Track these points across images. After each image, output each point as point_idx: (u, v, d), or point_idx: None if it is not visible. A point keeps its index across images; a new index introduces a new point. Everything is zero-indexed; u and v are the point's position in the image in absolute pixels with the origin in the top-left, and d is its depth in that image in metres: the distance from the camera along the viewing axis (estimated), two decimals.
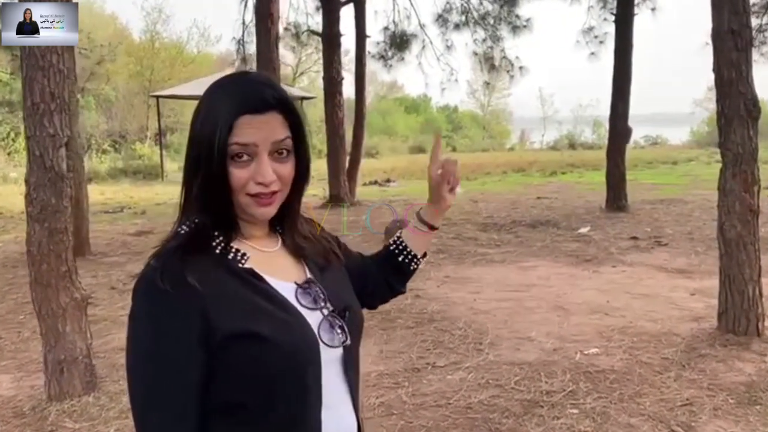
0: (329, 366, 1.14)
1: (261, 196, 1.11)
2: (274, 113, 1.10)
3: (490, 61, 15.12)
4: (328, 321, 1.16)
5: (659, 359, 4.44)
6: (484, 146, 37.36)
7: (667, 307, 5.65)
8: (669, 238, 8.90)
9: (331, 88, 12.83)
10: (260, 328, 1.05)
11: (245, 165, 1.08)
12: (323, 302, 1.17)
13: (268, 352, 1.05)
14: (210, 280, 1.06)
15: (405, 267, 1.46)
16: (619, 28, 11.44)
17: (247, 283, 1.10)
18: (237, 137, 1.07)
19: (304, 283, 1.18)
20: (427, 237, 1.46)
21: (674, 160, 23.82)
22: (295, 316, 1.11)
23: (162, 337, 1.04)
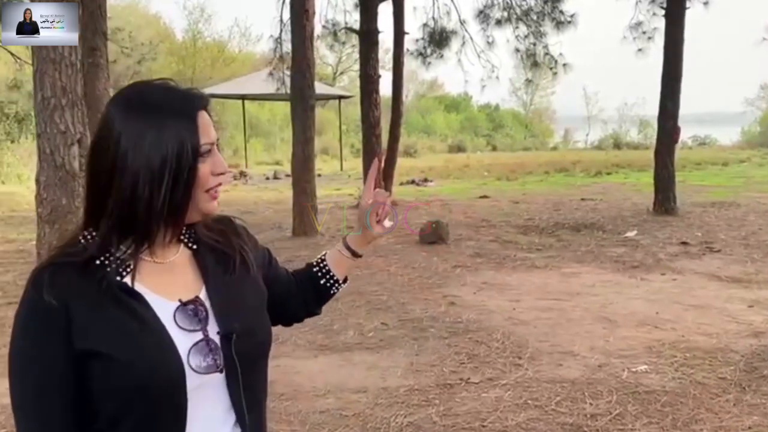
0: (203, 391, 1.09)
1: (216, 189, 1.12)
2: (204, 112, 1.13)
3: (532, 58, 14.66)
4: (204, 345, 1.09)
5: (715, 379, 4.06)
6: (526, 145, 36.75)
7: (723, 320, 5.23)
8: (722, 243, 8.39)
9: (368, 86, 12.56)
10: (111, 348, 1.02)
11: (205, 160, 1.10)
12: (204, 324, 1.11)
13: (119, 374, 1.02)
14: (77, 292, 1.04)
15: (325, 290, 1.44)
16: (669, 23, 10.91)
17: (115, 299, 1.06)
18: (204, 137, 1.09)
19: (189, 301, 1.12)
20: (349, 263, 1.43)
21: (724, 161, 22.94)
22: (157, 338, 1.06)
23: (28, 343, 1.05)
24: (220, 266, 1.20)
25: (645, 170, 20.30)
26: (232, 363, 1.11)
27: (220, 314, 1.13)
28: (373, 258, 7.95)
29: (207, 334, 1.10)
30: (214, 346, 1.10)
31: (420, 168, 21.29)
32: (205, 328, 1.11)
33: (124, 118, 1.07)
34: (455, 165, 23.16)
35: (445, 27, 14.80)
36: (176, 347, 1.06)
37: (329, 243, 9.05)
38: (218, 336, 1.11)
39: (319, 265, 1.44)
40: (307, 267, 1.46)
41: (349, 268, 1.45)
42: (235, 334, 1.12)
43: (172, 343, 1.06)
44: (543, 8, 15.11)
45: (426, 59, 15.02)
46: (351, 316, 5.53)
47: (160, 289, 1.11)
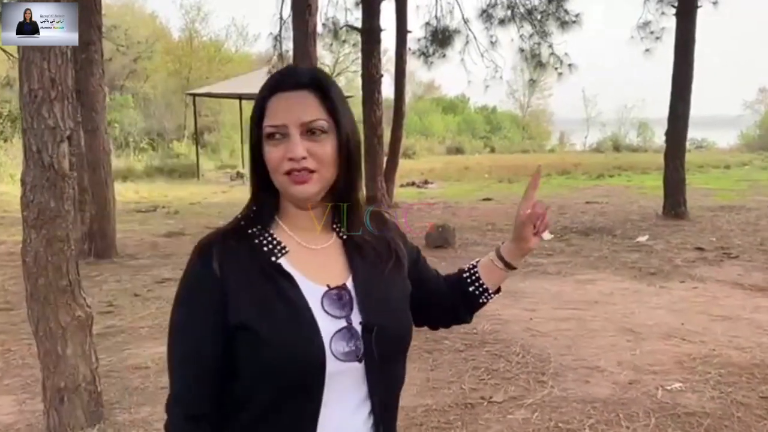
0: (340, 378, 1.10)
1: (294, 173, 1.10)
2: (306, 93, 1.12)
3: (537, 58, 14.38)
4: (346, 332, 1.11)
5: (757, 399, 3.76)
6: (523, 147, 36.51)
7: (754, 333, 4.93)
8: (738, 249, 8.11)
9: (370, 85, 12.27)
10: (260, 325, 1.07)
11: (278, 144, 1.11)
12: (349, 312, 1.13)
13: (263, 350, 1.07)
14: (236, 268, 1.11)
15: (474, 298, 1.38)
16: (681, 21, 10.63)
17: (269, 278, 1.11)
18: (269, 119, 1.12)
19: (336, 287, 1.15)
20: (502, 274, 1.38)
21: (727, 164, 22.71)
22: (303, 321, 1.10)
23: (185, 310, 1.14)
24: (368, 259, 1.21)
25: (647, 173, 20.12)
26: (372, 355, 1.12)
27: (364, 305, 1.14)
28: None
29: (350, 322, 1.12)
30: (356, 335, 1.12)
31: (420, 170, 20.99)
32: (349, 316, 1.13)
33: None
34: (455, 167, 22.86)
35: (448, 26, 14.54)
36: (320, 330, 1.09)
37: None
38: (360, 326, 1.12)
39: (470, 271, 1.39)
40: (458, 272, 1.41)
41: (501, 279, 1.39)
42: (376, 327, 1.12)
43: (316, 326, 1.09)
44: (547, 7, 14.85)
45: (428, 59, 14.76)
46: None
47: (311, 273, 1.15)
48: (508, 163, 24.01)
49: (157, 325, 5.39)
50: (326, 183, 1.14)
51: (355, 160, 1.18)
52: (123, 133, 23.43)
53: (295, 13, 8.61)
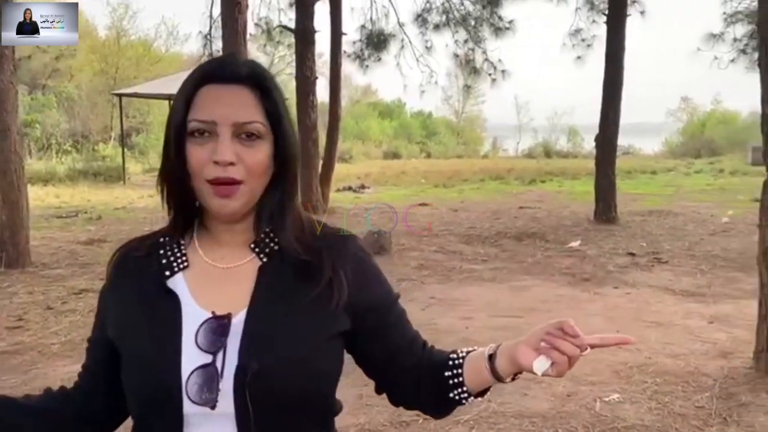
0: (203, 425, 0.94)
1: (219, 183, 0.94)
2: (243, 88, 0.97)
3: (471, 64, 14.42)
4: (208, 371, 0.93)
5: (693, 409, 3.72)
6: (458, 152, 36.87)
7: (687, 339, 4.95)
8: (668, 254, 8.25)
9: (305, 87, 11.99)
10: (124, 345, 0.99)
11: (203, 143, 0.95)
12: (222, 348, 0.94)
13: (129, 373, 0.98)
14: (127, 281, 1.03)
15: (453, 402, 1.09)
16: (611, 30, 10.83)
17: (151, 295, 0.99)
18: (196, 112, 0.96)
19: (220, 317, 0.96)
20: (489, 381, 1.05)
21: (653, 170, 23.47)
22: (166, 349, 0.95)
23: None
24: (282, 287, 1.00)
25: (578, 178, 20.56)
26: (244, 405, 0.93)
27: (247, 344, 0.95)
28: None
29: (216, 360, 0.94)
30: (217, 378, 0.93)
31: (356, 174, 20.80)
32: (217, 353, 0.94)
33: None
34: (392, 171, 22.79)
35: (384, 29, 14.41)
36: (180, 363, 0.94)
37: None
38: (234, 368, 0.94)
39: (454, 370, 1.07)
40: (444, 360, 1.09)
41: (486, 384, 1.06)
42: (251, 372, 0.93)
43: (178, 358, 0.95)
44: (481, 14, 14.94)
45: (364, 62, 14.59)
46: None
47: (203, 295, 1.00)
48: (443, 168, 24.14)
49: (69, 341, 5.00)
50: (253, 197, 0.98)
51: (292, 172, 1.01)
52: (45, 135, 22.32)
53: (224, 11, 8.28)
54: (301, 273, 1.01)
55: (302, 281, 1.00)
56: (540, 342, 0.98)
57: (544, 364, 0.96)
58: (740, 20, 16.10)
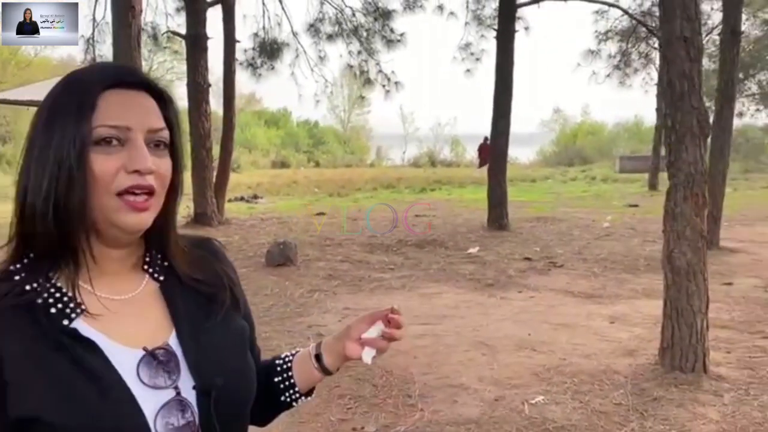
0: None
1: (135, 194, 0.85)
2: (145, 94, 0.90)
3: (365, 75, 14.56)
4: (176, 404, 0.87)
5: (612, 406, 3.92)
6: (346, 162, 37.06)
7: (593, 339, 5.22)
8: (561, 258, 8.69)
9: (197, 95, 11.60)
10: (55, 415, 0.80)
11: (113, 152, 0.85)
12: (176, 378, 0.88)
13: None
14: (14, 342, 0.82)
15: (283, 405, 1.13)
16: (501, 44, 11.29)
17: (63, 349, 0.82)
18: (104, 118, 0.85)
19: (156, 349, 0.89)
20: (318, 377, 1.12)
21: (532, 178, 24.68)
22: (117, 400, 0.83)
23: None
24: (195, 303, 0.96)
25: (464, 186, 21.29)
26: (210, 422, 0.89)
27: (196, 365, 0.90)
28: None
29: (179, 390, 0.88)
30: (189, 405, 0.88)
31: (247, 184, 20.38)
32: (176, 383, 0.89)
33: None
34: (283, 181, 22.53)
35: (277, 38, 14.24)
36: (141, 409, 0.85)
37: None
38: (194, 392, 0.89)
39: (284, 374, 1.12)
40: (269, 367, 1.13)
41: (316, 381, 1.13)
42: (214, 390, 0.89)
43: (135, 404, 0.84)
44: (373, 26, 15.12)
45: (256, 70, 14.33)
46: None
47: (119, 333, 0.88)
48: (334, 177, 24.16)
49: None
50: (157, 211, 0.90)
51: (182, 185, 0.96)
52: None
53: (116, 16, 7.84)
54: (202, 286, 0.98)
55: (208, 295, 0.98)
56: (360, 333, 1.07)
57: (370, 353, 1.08)
58: (611, 38, 17.37)
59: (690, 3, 3.88)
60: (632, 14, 14.87)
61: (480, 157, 26.88)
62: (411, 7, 14.55)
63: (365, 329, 1.08)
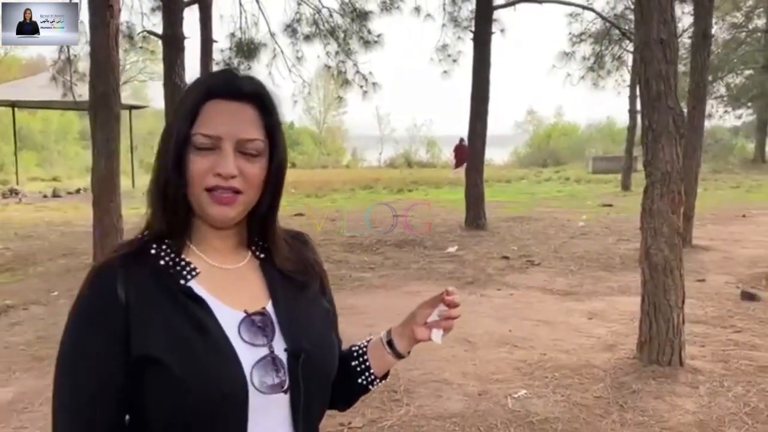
0: (264, 411, 1.00)
1: (219, 191, 0.99)
2: (247, 106, 1.03)
3: (342, 76, 14.58)
4: (269, 361, 1.01)
5: (593, 399, 4.02)
6: (322, 163, 37.02)
7: (573, 335, 5.33)
8: (538, 257, 8.82)
9: (174, 96, 11.48)
10: (171, 358, 0.94)
11: (206, 155, 1.00)
12: (271, 339, 1.03)
13: (175, 385, 0.94)
14: (142, 293, 0.98)
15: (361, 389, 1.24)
16: (478, 46, 11.41)
17: (179, 303, 0.99)
18: (202, 127, 1.00)
19: (255, 313, 1.04)
20: (392, 362, 1.23)
21: (507, 179, 24.90)
22: (221, 351, 0.97)
23: (77, 346, 0.98)
24: (289, 280, 1.11)
25: (440, 187, 21.44)
26: (297, 384, 1.03)
27: (289, 330, 1.05)
28: None
29: (273, 350, 1.02)
30: (281, 364, 1.02)
31: None
32: (271, 344, 1.03)
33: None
34: None
35: (254, 38, 14.19)
36: (240, 361, 0.98)
37: None
38: (285, 353, 1.03)
39: (359, 358, 1.23)
40: (347, 354, 1.24)
41: (390, 365, 1.24)
42: (303, 354, 1.03)
43: (235, 357, 0.98)
44: (350, 26, 15.15)
45: None
46: None
47: (226, 297, 1.04)
48: (311, 178, 24.12)
49: None
50: (248, 206, 1.04)
51: (282, 184, 1.09)
52: None
53: (94, 16, 7.76)
54: (296, 270, 1.12)
55: (299, 276, 1.12)
56: (424, 318, 1.18)
57: (439, 334, 1.17)
58: (584, 40, 17.62)
59: (666, 6, 4.00)
60: (606, 17, 15.11)
61: (456, 158, 27.04)
62: (388, 9, 14.61)
63: (428, 313, 1.17)
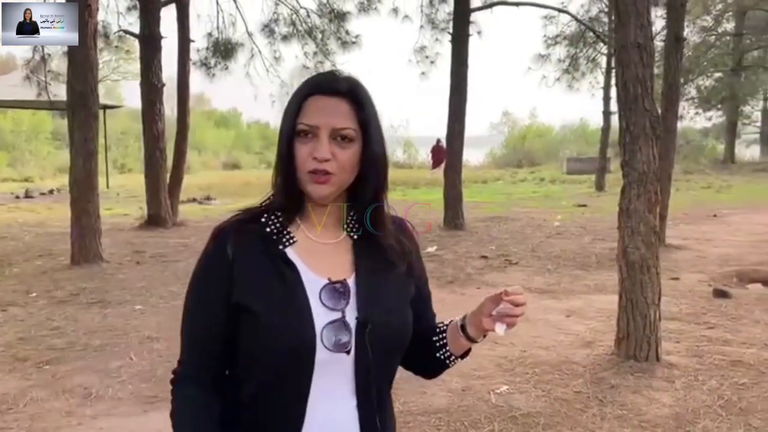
0: (329, 368, 1.18)
1: (316, 173, 1.19)
2: (341, 100, 1.21)
3: None
4: (339, 325, 1.18)
5: (573, 393, 4.11)
6: None
7: (552, 332, 5.43)
8: (516, 256, 8.95)
9: (151, 95, 11.46)
10: (259, 307, 1.17)
11: (307, 142, 1.20)
12: (345, 306, 1.20)
13: (260, 331, 1.16)
14: (246, 253, 1.21)
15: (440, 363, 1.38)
16: (456, 47, 11.51)
17: (274, 264, 1.20)
18: (303, 117, 1.21)
19: (337, 282, 1.22)
20: (465, 344, 1.35)
21: (484, 180, 25.11)
22: (298, 308, 1.18)
23: (196, 285, 1.26)
24: (375, 259, 1.26)
25: (417, 188, 21.53)
26: (364, 349, 1.19)
27: (363, 302, 1.21)
28: (179, 286, 7.12)
29: (344, 316, 1.19)
30: (349, 329, 1.19)
31: (198, 185, 20.12)
32: (344, 310, 1.20)
33: None
34: (235, 182, 22.35)
35: (231, 38, 14.15)
36: (314, 320, 1.17)
37: (118, 271, 7.96)
38: (355, 321, 1.19)
39: (440, 335, 1.37)
40: (431, 329, 1.39)
41: (464, 348, 1.36)
42: (371, 323, 1.19)
43: (310, 315, 1.17)
44: (328, 27, 15.18)
45: (210, 70, 14.22)
46: (175, 359, 4.76)
47: (315, 265, 1.23)
48: None
49: None
50: (341, 186, 1.22)
51: (379, 169, 1.25)
52: None
53: None
54: (388, 250, 1.28)
55: (386, 258, 1.28)
56: (491, 310, 1.27)
57: (502, 327, 1.26)
58: (559, 43, 17.85)
59: (643, 11, 4.11)
60: (581, 20, 15.33)
61: (433, 159, 27.16)
62: (365, 10, 14.67)
63: (492, 307, 1.26)
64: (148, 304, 6.42)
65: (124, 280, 7.48)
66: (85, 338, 5.29)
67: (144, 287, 7.11)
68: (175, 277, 7.54)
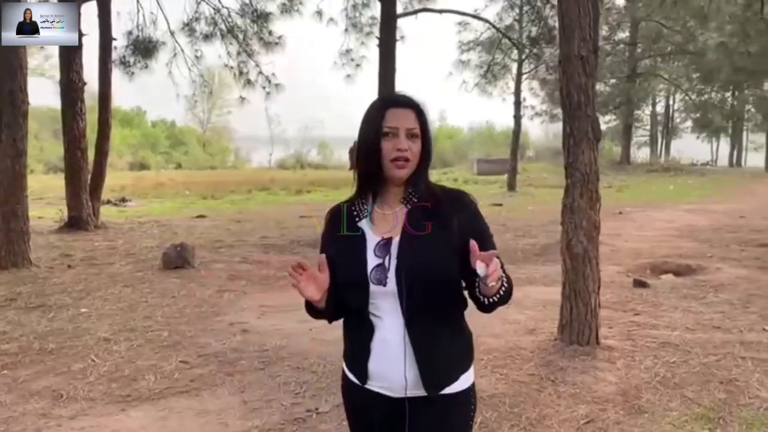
0: (379, 297, 1.74)
1: (398, 160, 1.72)
2: (409, 110, 1.77)
3: (245, 76, 14.53)
4: (381, 268, 1.73)
5: (527, 376, 4.48)
6: (210, 163, 36.28)
7: (497, 322, 5.79)
8: None
9: (71, 94, 11.11)
10: (336, 257, 1.76)
11: (390, 140, 1.73)
12: (387, 255, 1.73)
13: (338, 272, 1.74)
14: (336, 221, 1.82)
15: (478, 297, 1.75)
16: (383, 52, 11.80)
17: (350, 231, 1.79)
18: (387, 122, 1.73)
19: (387, 239, 1.75)
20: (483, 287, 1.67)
21: None
22: (358, 258, 1.75)
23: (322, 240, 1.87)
24: (420, 222, 1.75)
25: (338, 188, 21.75)
26: (400, 284, 1.71)
27: (401, 254, 1.73)
28: (120, 288, 7.03)
29: (384, 263, 1.74)
30: (386, 271, 1.73)
31: (109, 187, 19.40)
32: (385, 258, 1.74)
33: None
34: (147, 183, 21.77)
35: (151, 36, 13.84)
36: (367, 265, 1.75)
37: (51, 275, 7.72)
38: (395, 267, 1.72)
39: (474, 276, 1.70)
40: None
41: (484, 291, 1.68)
42: (405, 268, 1.71)
43: (365, 262, 1.75)
44: (250, 27, 15.11)
45: (129, 69, 13.84)
46: (138, 358, 4.78)
47: (377, 229, 1.79)
48: (203, 179, 23.69)
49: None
50: (412, 169, 1.76)
51: (430, 157, 1.81)
52: None
53: None
54: (431, 213, 1.76)
55: (432, 217, 1.76)
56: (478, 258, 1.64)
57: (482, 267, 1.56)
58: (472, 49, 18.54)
59: (585, 26, 4.54)
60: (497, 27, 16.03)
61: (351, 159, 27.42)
62: (288, 11, 14.73)
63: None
64: (93, 306, 6.31)
65: (60, 283, 7.28)
66: (37, 342, 5.18)
67: (83, 290, 6.96)
68: (113, 281, 7.42)
